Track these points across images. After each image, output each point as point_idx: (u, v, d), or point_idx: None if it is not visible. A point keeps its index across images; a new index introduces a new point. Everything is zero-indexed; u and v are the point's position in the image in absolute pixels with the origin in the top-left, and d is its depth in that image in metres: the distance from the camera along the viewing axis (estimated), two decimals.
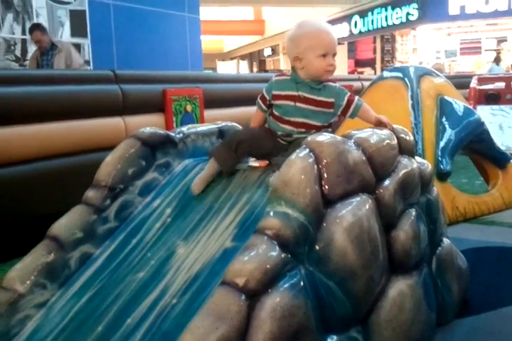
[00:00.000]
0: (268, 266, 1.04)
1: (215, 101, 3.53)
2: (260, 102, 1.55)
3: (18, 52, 4.17)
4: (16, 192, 2.22)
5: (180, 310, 1.13)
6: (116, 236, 1.43)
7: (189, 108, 3.25)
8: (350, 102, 1.46)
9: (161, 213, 1.48)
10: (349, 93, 1.48)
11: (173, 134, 1.69)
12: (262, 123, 1.59)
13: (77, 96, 2.60)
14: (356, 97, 1.49)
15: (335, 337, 1.10)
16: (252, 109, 3.99)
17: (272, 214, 1.14)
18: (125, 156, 1.55)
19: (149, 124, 1.77)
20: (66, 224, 1.39)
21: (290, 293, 1.04)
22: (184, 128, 1.77)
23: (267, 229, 1.11)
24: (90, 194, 1.47)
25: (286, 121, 1.48)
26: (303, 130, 1.47)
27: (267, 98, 1.52)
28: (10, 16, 4.13)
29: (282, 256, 1.07)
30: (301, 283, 1.07)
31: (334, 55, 1.45)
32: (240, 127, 2.00)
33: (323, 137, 1.28)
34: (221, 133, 1.87)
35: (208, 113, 3.41)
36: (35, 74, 2.66)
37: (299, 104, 1.46)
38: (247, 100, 3.91)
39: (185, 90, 3.29)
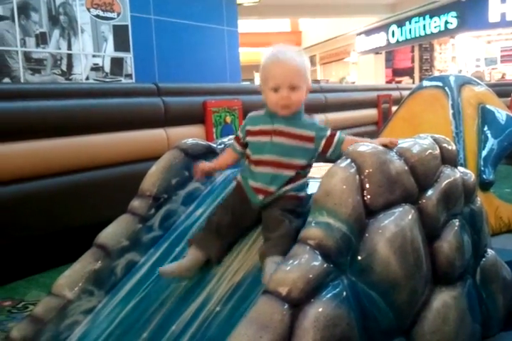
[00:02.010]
0: (311, 276, 1.04)
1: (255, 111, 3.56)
2: (234, 142, 1.41)
3: (64, 67, 4.31)
4: (65, 201, 2.30)
5: (224, 318, 1.15)
6: (161, 244, 1.47)
7: (228, 119, 3.30)
8: (332, 135, 1.32)
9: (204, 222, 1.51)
10: (329, 128, 1.34)
11: (214, 145, 1.73)
12: (227, 163, 1.46)
13: (122, 108, 2.68)
14: (338, 131, 1.34)
15: None
16: None
17: (313, 224, 1.15)
18: (169, 167, 1.59)
19: (190, 135, 1.81)
20: (112, 233, 1.43)
21: (333, 303, 1.04)
22: (225, 139, 1.81)
23: (309, 239, 1.12)
24: (135, 203, 1.51)
25: (260, 162, 1.30)
26: (278, 172, 1.29)
27: (241, 136, 1.38)
28: (56, 32, 4.27)
29: (325, 266, 1.08)
30: (344, 293, 1.07)
31: (294, 88, 1.26)
32: None
33: (365, 147, 1.28)
34: None
35: None
36: (84, 88, 2.75)
37: (275, 139, 1.30)
38: None
39: (225, 102, 3.34)
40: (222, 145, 1.76)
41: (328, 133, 1.32)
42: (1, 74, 3.80)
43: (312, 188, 1.48)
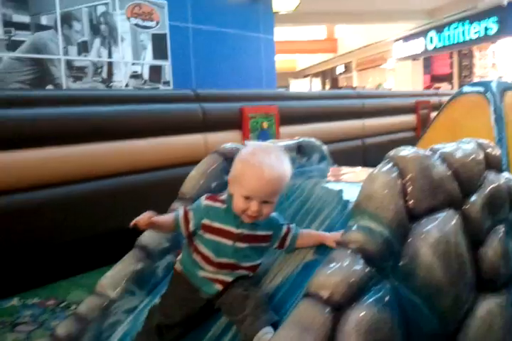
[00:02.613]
0: (352, 280, 1.04)
1: (290, 118, 3.57)
2: (181, 222, 1.21)
3: (104, 75, 4.42)
4: (107, 204, 2.35)
5: None
6: None
7: (265, 125, 3.31)
8: (287, 233, 1.25)
9: None
10: (285, 222, 1.27)
11: None
12: (163, 229, 1.27)
13: (161, 114, 2.73)
14: (293, 225, 1.28)
15: None
16: (325, 125, 3.97)
17: (355, 228, 1.14)
18: (208, 170, 1.61)
19: (227, 140, 1.83)
20: (153, 235, 1.45)
21: (375, 308, 1.03)
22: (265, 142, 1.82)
23: (351, 242, 1.11)
24: (176, 206, 1.53)
25: (212, 262, 1.18)
26: (235, 272, 1.19)
27: (191, 223, 1.20)
28: (97, 41, 4.39)
29: (367, 270, 1.06)
30: (387, 298, 1.06)
31: (266, 202, 1.15)
32: (317, 143, 2.02)
33: (407, 151, 1.26)
34: (300, 148, 1.90)
35: (284, 129, 3.46)
36: (124, 94, 2.82)
37: (238, 245, 1.18)
38: (322, 116, 3.95)
39: (262, 108, 3.36)
40: None
41: (284, 231, 1.25)
42: (45, 81, 3.93)
43: (350, 193, 1.47)
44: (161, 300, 1.22)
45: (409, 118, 5.50)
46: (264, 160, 1.13)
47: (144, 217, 1.20)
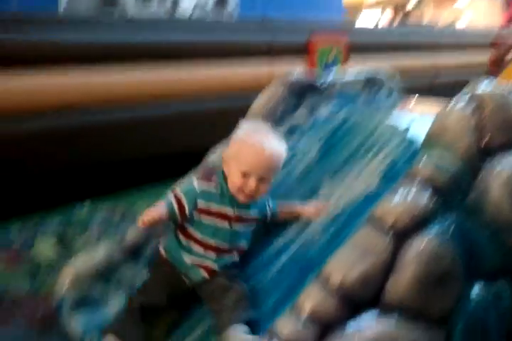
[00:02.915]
0: (418, 209, 1.04)
1: (358, 51, 3.46)
2: (175, 207, 1.15)
3: (169, 3, 4.35)
4: (173, 127, 2.41)
5: (325, 242, 1.18)
6: None
7: (332, 56, 3.23)
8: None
9: (305, 155, 1.53)
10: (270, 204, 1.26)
11: (319, 79, 1.72)
12: (153, 223, 1.15)
13: (228, 43, 2.70)
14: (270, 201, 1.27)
15: (481, 286, 1.09)
16: (394, 61, 3.82)
17: (425, 159, 1.13)
18: (274, 99, 1.61)
19: (293, 70, 1.80)
20: (220, 155, 1.48)
21: (438, 238, 1.03)
22: (331, 75, 1.79)
23: (420, 173, 1.11)
24: None
25: (205, 244, 1.15)
26: (223, 256, 1.16)
27: (186, 207, 1.14)
28: None
29: (433, 201, 1.06)
30: (451, 230, 1.06)
31: (263, 179, 1.13)
32: (388, 76, 1.96)
33: (486, 86, 1.22)
34: (369, 80, 1.85)
35: (351, 62, 3.36)
36: (190, 21, 2.79)
37: (234, 226, 1.16)
38: (391, 51, 3.79)
39: (330, 39, 3.25)
40: (328, 80, 1.75)
41: (268, 212, 1.26)
42: (111, 6, 3.91)
43: (418, 127, 1.45)
44: (144, 286, 1.18)
45: (483, 58, 5.20)
46: (262, 138, 1.15)
47: (147, 219, 1.12)
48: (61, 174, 2.10)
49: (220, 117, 2.51)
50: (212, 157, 1.51)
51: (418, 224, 1.04)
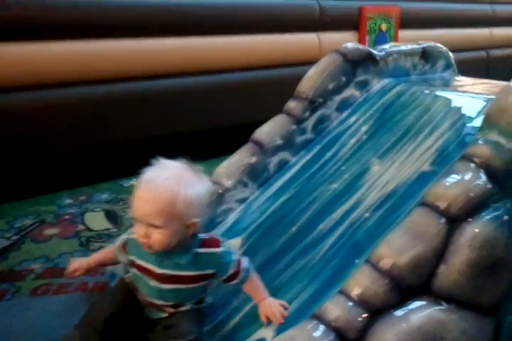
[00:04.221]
0: (472, 194, 1.00)
1: (411, 21, 3.32)
2: (119, 248, 1.05)
3: None
4: (219, 99, 2.40)
5: (373, 224, 1.16)
6: (312, 147, 1.49)
7: (384, 27, 3.11)
8: (236, 272, 1.03)
9: (357, 130, 1.50)
10: (236, 260, 1.03)
11: (375, 51, 1.66)
12: (103, 263, 1.12)
13: (276, 10, 2.63)
14: (245, 263, 1.05)
15: None
16: (449, 32, 3.65)
17: (482, 141, 1.08)
18: (327, 71, 1.57)
19: (343, 41, 1.75)
20: (268, 131, 1.47)
21: (492, 225, 1.00)
22: (386, 46, 1.73)
23: (475, 156, 1.06)
24: (291, 105, 1.53)
25: (149, 302, 1.04)
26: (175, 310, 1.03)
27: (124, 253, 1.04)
28: None
29: (489, 186, 1.02)
30: (506, 217, 1.02)
31: (154, 226, 0.92)
32: (444, 49, 1.88)
33: None
34: (424, 53, 1.79)
35: (403, 33, 3.24)
36: None
37: (165, 286, 0.99)
38: (446, 22, 3.63)
39: (382, 8, 3.14)
40: (383, 53, 1.69)
41: (232, 270, 1.02)
42: None
43: (475, 106, 1.39)
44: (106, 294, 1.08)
45: None
46: (148, 177, 0.94)
47: (74, 267, 1.06)
48: (109, 150, 2.13)
49: (265, 89, 2.50)
50: None
51: (472, 208, 1.00)
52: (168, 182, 0.93)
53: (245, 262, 1.05)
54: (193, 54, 2.32)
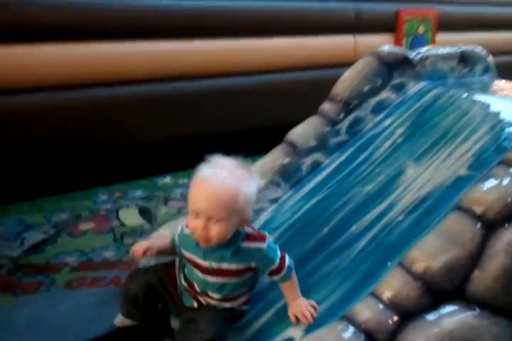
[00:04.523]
0: (510, 199, 0.99)
1: (449, 25, 3.27)
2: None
3: None
4: (256, 100, 2.41)
5: (407, 227, 1.15)
6: (346, 149, 1.48)
7: (421, 30, 3.07)
8: (280, 269, 1.04)
9: (392, 133, 1.48)
10: (280, 256, 1.04)
11: (412, 54, 1.65)
12: (163, 250, 1.12)
13: (312, 12, 2.63)
14: (286, 265, 1.05)
15: None
16: (488, 35, 3.56)
17: None
18: (363, 73, 1.57)
19: (379, 44, 1.74)
20: (302, 132, 1.48)
21: None
22: (423, 50, 1.71)
23: None
24: (326, 107, 1.53)
25: (186, 288, 1.10)
26: (220, 303, 1.06)
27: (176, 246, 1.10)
28: None
29: None
30: None
31: (213, 219, 0.95)
32: (483, 52, 1.85)
33: None
34: (463, 56, 1.76)
35: (441, 37, 3.20)
36: None
37: (211, 279, 1.03)
38: (485, 25, 3.56)
39: (420, 11, 3.10)
40: (420, 56, 1.67)
41: (275, 266, 1.03)
42: None
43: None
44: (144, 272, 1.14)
45: None
46: (208, 173, 0.98)
47: (138, 248, 1.08)
48: (144, 148, 2.17)
49: (300, 91, 2.50)
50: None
51: (510, 214, 0.98)
52: (230, 178, 0.97)
53: (289, 260, 1.06)
54: (232, 55, 2.34)
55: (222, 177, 0.96)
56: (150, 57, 2.11)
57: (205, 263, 1.02)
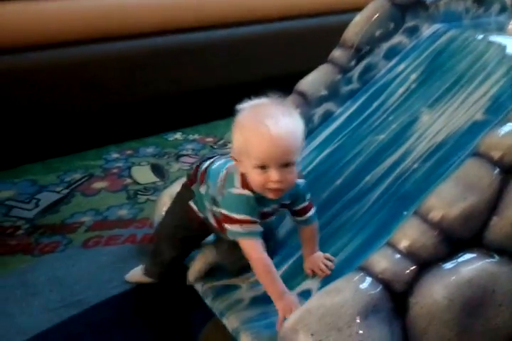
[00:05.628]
0: None
1: None
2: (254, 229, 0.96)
3: None
4: (263, 50, 2.35)
5: (422, 175, 1.13)
6: (358, 97, 1.44)
7: None
8: (311, 206, 1.05)
9: (405, 78, 1.43)
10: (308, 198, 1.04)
11: None
12: None
13: None
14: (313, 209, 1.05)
15: None
16: None
17: None
18: (374, 17, 1.50)
19: None
20: (313, 82, 1.43)
21: None
22: None
23: None
24: (337, 54, 1.47)
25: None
26: None
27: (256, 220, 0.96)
28: None
29: None
30: None
31: (286, 165, 0.89)
32: None
33: None
34: None
35: None
36: None
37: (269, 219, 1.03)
38: None
39: None
40: None
41: (306, 202, 1.04)
42: None
43: None
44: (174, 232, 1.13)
45: None
46: (268, 121, 0.88)
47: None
48: (153, 103, 2.13)
49: (313, 37, 2.42)
50: None
51: None
52: (290, 118, 0.91)
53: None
54: (239, 5, 2.26)
55: (284, 120, 0.89)
56: (158, 9, 2.05)
57: (273, 208, 1.01)
